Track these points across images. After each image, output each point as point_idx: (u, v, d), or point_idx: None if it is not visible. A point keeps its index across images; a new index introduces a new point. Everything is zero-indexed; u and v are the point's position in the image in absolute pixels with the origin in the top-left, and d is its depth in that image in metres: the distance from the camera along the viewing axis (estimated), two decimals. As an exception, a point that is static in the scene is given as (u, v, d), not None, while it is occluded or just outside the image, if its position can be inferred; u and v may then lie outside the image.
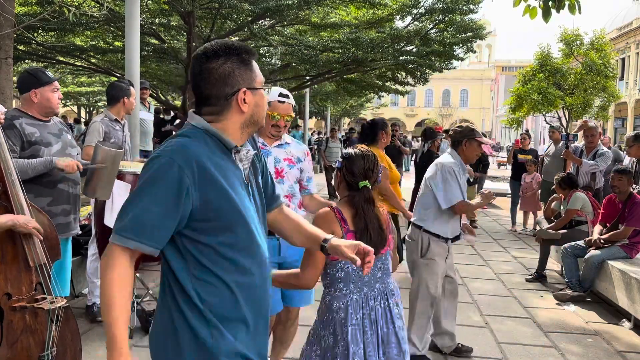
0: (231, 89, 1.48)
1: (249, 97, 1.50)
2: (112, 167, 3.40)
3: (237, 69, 1.48)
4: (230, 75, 1.47)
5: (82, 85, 21.39)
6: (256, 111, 1.53)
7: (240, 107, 1.49)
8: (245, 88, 1.49)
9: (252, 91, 1.51)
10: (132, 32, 5.85)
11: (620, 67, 30.02)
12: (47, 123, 3.26)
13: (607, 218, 5.31)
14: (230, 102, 1.49)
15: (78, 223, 3.55)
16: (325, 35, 12.41)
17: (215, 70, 1.47)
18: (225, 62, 1.47)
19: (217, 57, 1.47)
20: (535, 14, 4.39)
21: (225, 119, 1.50)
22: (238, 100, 1.48)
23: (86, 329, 3.90)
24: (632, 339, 4.29)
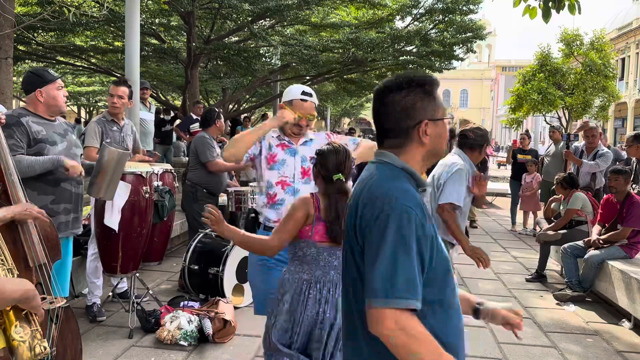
0: (413, 121, 1.45)
1: (431, 129, 1.46)
2: (117, 168, 3.41)
3: (420, 101, 1.46)
4: (412, 108, 1.45)
5: (82, 85, 21.38)
6: (437, 142, 1.49)
7: (421, 139, 1.46)
8: (427, 119, 1.46)
9: (434, 122, 1.47)
10: (132, 32, 5.85)
11: (620, 67, 30.01)
12: (52, 122, 3.28)
13: (606, 218, 5.31)
14: (412, 135, 1.46)
15: (80, 223, 3.54)
16: (325, 35, 12.41)
17: (397, 103, 1.46)
18: (408, 95, 1.46)
19: (399, 89, 1.47)
20: (535, 14, 4.39)
21: (406, 152, 1.47)
22: (420, 132, 1.45)
23: (86, 329, 3.90)
24: (632, 339, 4.29)
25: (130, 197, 3.73)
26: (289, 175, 2.83)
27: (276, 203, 2.81)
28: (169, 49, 10.65)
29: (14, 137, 3.06)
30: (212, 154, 4.99)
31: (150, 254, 4.21)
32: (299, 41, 11.33)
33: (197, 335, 3.76)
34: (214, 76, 13.99)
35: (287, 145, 2.89)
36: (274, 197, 2.82)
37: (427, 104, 1.46)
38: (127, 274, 3.99)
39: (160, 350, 3.63)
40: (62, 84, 3.27)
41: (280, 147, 2.88)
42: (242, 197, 5.10)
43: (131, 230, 3.79)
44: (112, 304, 4.40)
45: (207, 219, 2.25)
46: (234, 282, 4.56)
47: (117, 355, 3.55)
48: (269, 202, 2.83)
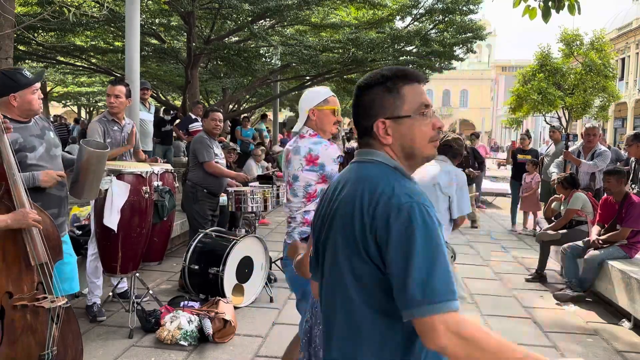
0: (369, 120, 1.39)
1: (393, 128, 1.37)
2: (97, 168, 3.35)
3: (379, 99, 1.38)
4: (369, 106, 1.39)
5: (82, 85, 21.39)
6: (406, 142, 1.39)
7: (380, 140, 1.38)
8: (385, 118, 1.37)
9: (395, 121, 1.37)
10: (132, 32, 5.86)
11: (620, 67, 30.01)
12: (27, 124, 3.08)
13: (604, 219, 5.31)
14: (373, 135, 1.39)
15: (66, 225, 3.44)
16: (325, 35, 12.41)
17: (360, 101, 1.41)
18: (369, 93, 1.39)
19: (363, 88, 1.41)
20: (535, 14, 4.39)
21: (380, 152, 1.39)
22: (379, 132, 1.38)
23: (86, 329, 3.90)
24: (632, 338, 4.29)
25: (130, 197, 3.73)
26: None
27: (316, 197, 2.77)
28: (169, 49, 10.66)
29: None
30: (209, 155, 4.99)
31: (150, 254, 4.21)
32: (299, 41, 11.33)
33: (197, 335, 3.76)
34: (214, 76, 14.00)
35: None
36: (313, 195, 2.72)
37: (387, 102, 1.37)
38: (127, 274, 3.99)
39: (161, 350, 3.64)
40: (37, 86, 3.08)
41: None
42: (242, 197, 5.10)
43: (131, 230, 3.79)
44: (112, 304, 4.41)
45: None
46: (234, 282, 4.56)
47: (117, 355, 3.55)
48: (308, 200, 2.73)
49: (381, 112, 1.37)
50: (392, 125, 1.37)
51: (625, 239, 5.01)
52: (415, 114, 1.37)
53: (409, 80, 1.39)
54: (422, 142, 1.39)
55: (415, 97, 1.38)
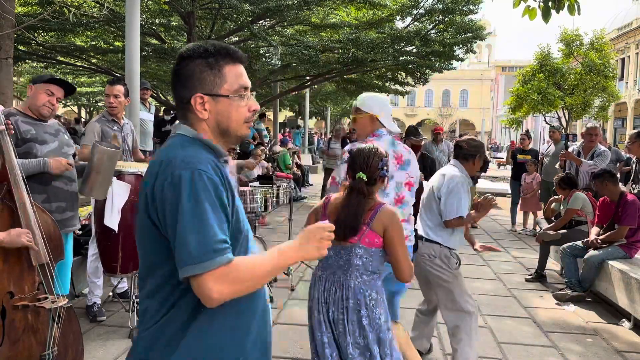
0: (188, 92, 1.40)
1: (211, 105, 1.40)
2: (108, 166, 3.39)
3: (199, 73, 1.39)
4: (189, 78, 1.40)
5: (82, 85, 21.39)
6: (222, 120, 1.41)
7: (197, 114, 1.40)
8: (203, 93, 1.39)
9: (214, 98, 1.39)
10: (132, 32, 5.86)
11: (620, 67, 30.02)
12: (43, 123, 3.27)
13: (603, 219, 5.32)
14: (190, 107, 1.41)
15: (77, 220, 3.54)
16: (326, 35, 12.41)
17: (180, 72, 1.41)
18: (189, 64, 1.40)
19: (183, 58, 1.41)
20: (535, 15, 4.39)
21: (194, 126, 1.42)
22: (195, 105, 1.39)
23: (86, 328, 3.90)
24: (632, 338, 4.30)
25: (130, 197, 3.73)
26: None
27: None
28: (169, 49, 10.66)
29: None
30: None
31: (150, 254, 4.21)
32: (299, 41, 11.33)
33: (198, 335, 3.76)
34: (214, 76, 13.98)
35: None
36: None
37: (207, 77, 1.38)
38: (127, 274, 3.99)
39: (161, 350, 3.63)
40: (52, 89, 3.21)
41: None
42: (242, 197, 5.10)
43: (131, 230, 3.79)
44: (112, 303, 4.41)
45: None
46: (234, 282, 4.56)
47: (117, 355, 3.55)
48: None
49: (199, 86, 1.39)
50: (210, 102, 1.39)
51: (625, 238, 5.01)
52: (234, 96, 1.41)
53: (231, 60, 1.41)
54: (238, 122, 1.43)
55: (236, 78, 1.41)
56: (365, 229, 2.24)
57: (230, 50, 1.42)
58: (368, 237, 2.25)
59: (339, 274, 2.30)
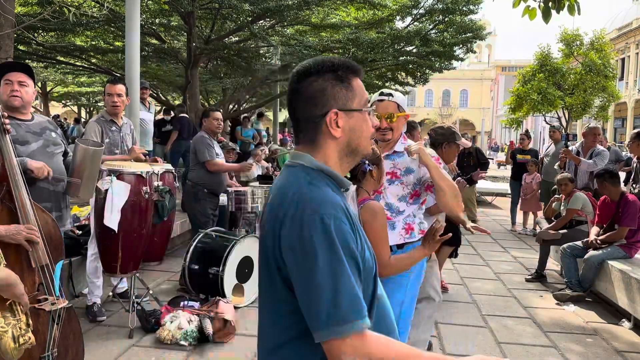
0: (320, 110, 1.28)
1: (344, 120, 1.29)
2: (91, 166, 3.33)
3: (330, 88, 1.29)
4: (319, 95, 1.28)
5: (82, 85, 21.37)
6: (353, 137, 1.31)
7: (331, 132, 1.29)
8: (337, 109, 1.28)
9: (347, 113, 1.30)
10: (132, 32, 5.85)
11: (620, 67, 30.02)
12: (26, 122, 3.15)
13: (603, 219, 5.32)
14: (320, 127, 1.29)
15: (66, 221, 3.46)
16: (326, 35, 12.41)
17: (305, 90, 1.30)
18: (317, 80, 1.29)
19: (308, 75, 1.30)
20: (535, 15, 4.39)
21: (320, 148, 1.31)
22: (328, 123, 1.28)
23: (86, 328, 3.90)
24: (632, 338, 4.29)
25: (130, 197, 3.73)
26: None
27: None
28: (169, 49, 10.65)
29: None
30: (210, 153, 5.00)
31: (150, 254, 4.21)
32: (299, 41, 11.33)
33: (197, 335, 3.76)
34: (214, 76, 14.00)
35: None
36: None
37: (339, 92, 1.29)
38: (127, 274, 3.99)
39: (161, 350, 3.64)
40: (9, 77, 3.07)
41: None
42: (242, 197, 5.11)
43: (131, 230, 3.79)
44: (112, 304, 4.41)
45: None
46: (234, 282, 4.56)
47: (117, 355, 3.55)
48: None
49: (333, 102, 1.29)
50: (343, 118, 1.30)
51: (624, 239, 5.01)
52: (365, 109, 1.34)
53: (355, 73, 1.34)
54: (367, 138, 1.36)
55: (362, 91, 1.34)
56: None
57: (351, 62, 1.35)
58: None
59: None
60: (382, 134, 2.66)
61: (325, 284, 1.13)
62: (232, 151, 7.28)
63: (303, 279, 1.16)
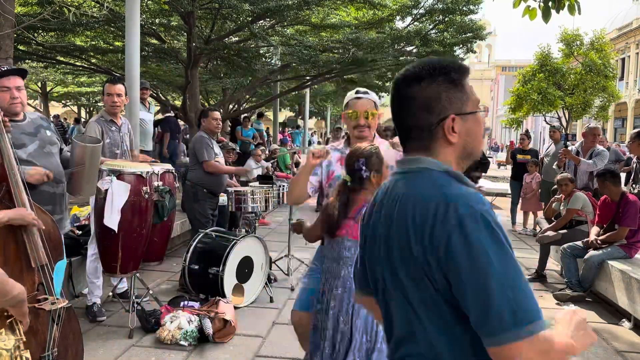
0: (436, 116, 1.23)
1: (459, 125, 1.23)
2: (90, 163, 3.32)
3: (445, 92, 1.23)
4: (435, 101, 1.22)
5: (82, 85, 21.36)
6: (469, 141, 1.26)
7: (447, 138, 1.23)
8: (454, 114, 1.23)
9: (462, 117, 1.24)
10: (132, 32, 5.86)
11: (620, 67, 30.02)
12: (19, 122, 3.07)
13: (603, 219, 5.31)
14: (436, 134, 1.23)
15: (66, 222, 3.46)
16: (326, 35, 12.40)
17: (418, 96, 1.23)
18: (430, 85, 1.23)
19: (419, 80, 1.24)
20: (535, 15, 4.39)
21: (436, 155, 1.24)
22: (445, 130, 1.22)
23: (86, 329, 3.90)
24: (632, 338, 4.29)
25: (130, 197, 3.73)
26: None
27: None
28: (169, 49, 10.64)
29: None
30: (209, 154, 4.99)
31: (150, 254, 4.21)
32: (299, 41, 11.32)
33: (197, 335, 3.77)
34: (214, 76, 13.99)
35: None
36: None
37: (454, 96, 1.23)
38: (127, 274, 3.99)
39: (161, 350, 3.64)
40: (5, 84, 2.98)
41: (340, 162, 2.72)
42: (242, 197, 5.10)
43: (131, 230, 3.79)
44: (112, 304, 4.41)
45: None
46: (234, 282, 4.56)
47: (117, 355, 3.55)
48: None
49: (449, 107, 1.23)
50: (459, 122, 1.23)
51: (625, 239, 5.01)
52: (478, 111, 1.28)
53: (466, 74, 1.28)
54: (480, 140, 1.30)
55: (472, 92, 1.28)
56: (351, 223, 2.38)
57: (459, 63, 1.29)
58: (355, 231, 2.37)
59: (333, 265, 2.45)
60: (360, 131, 2.66)
61: (504, 284, 1.04)
62: (232, 151, 7.28)
63: (474, 282, 1.06)
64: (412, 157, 1.26)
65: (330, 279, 2.46)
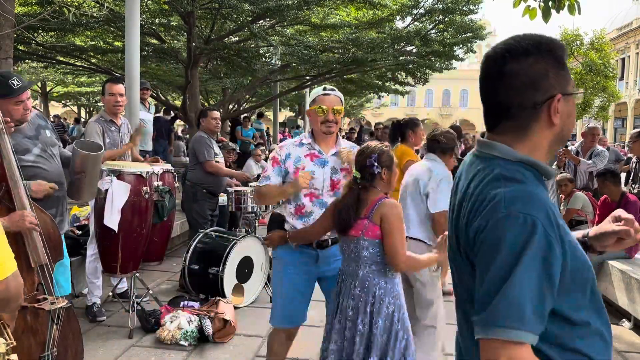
0: (543, 95, 1.16)
1: (562, 106, 1.18)
2: (92, 169, 3.33)
3: (552, 70, 1.17)
4: (542, 78, 1.16)
5: (82, 85, 21.37)
6: (567, 123, 1.21)
7: (551, 119, 1.17)
8: (561, 94, 1.17)
9: (566, 98, 1.19)
10: (132, 32, 5.86)
11: (620, 67, 30.03)
12: (19, 127, 3.04)
13: (603, 219, 5.29)
14: (539, 113, 1.18)
15: (65, 224, 3.44)
16: (326, 35, 12.40)
17: (522, 72, 1.16)
18: (537, 62, 1.17)
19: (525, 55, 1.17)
20: (535, 15, 4.39)
21: (529, 137, 1.19)
22: (551, 109, 1.17)
23: (86, 329, 3.90)
24: (632, 338, 4.29)
25: (130, 197, 3.73)
26: (318, 187, 2.72)
27: (304, 215, 2.74)
28: (169, 49, 10.64)
29: None
30: (209, 154, 4.99)
31: (150, 254, 4.21)
32: (299, 41, 11.32)
33: (197, 335, 3.76)
34: (214, 76, 13.99)
35: (317, 156, 2.77)
36: (301, 209, 2.74)
37: (560, 74, 1.18)
38: (126, 274, 3.99)
39: (161, 350, 3.64)
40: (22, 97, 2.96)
41: (309, 158, 2.75)
42: (242, 197, 5.10)
43: (131, 230, 3.79)
44: (112, 304, 4.41)
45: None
46: (234, 282, 4.56)
47: (117, 355, 3.55)
48: (296, 213, 2.75)
49: (557, 86, 1.17)
50: (563, 103, 1.18)
51: (625, 239, 5.00)
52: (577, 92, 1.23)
53: (567, 53, 1.24)
54: (574, 123, 1.27)
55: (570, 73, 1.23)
56: (366, 222, 2.36)
57: (561, 42, 1.23)
58: (370, 230, 2.36)
59: (352, 265, 2.44)
60: (327, 127, 2.69)
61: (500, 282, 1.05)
62: (232, 151, 7.28)
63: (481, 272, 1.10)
64: (487, 142, 1.23)
65: (347, 279, 2.45)
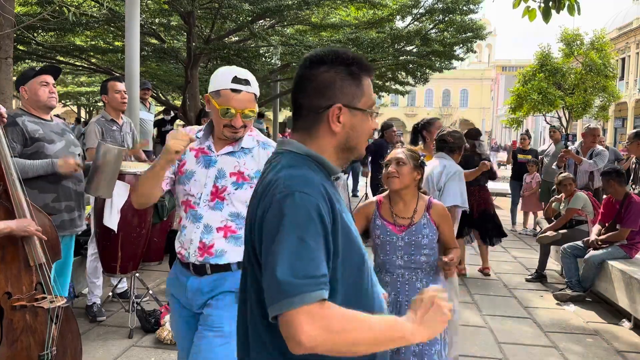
0: (325, 101, 1.26)
1: (346, 117, 1.27)
2: (114, 165, 3.37)
3: (340, 81, 1.27)
4: (328, 86, 1.26)
5: (82, 85, 21.37)
6: (352, 135, 1.29)
7: (330, 126, 1.27)
8: (343, 104, 1.26)
9: (351, 110, 1.27)
10: (132, 32, 5.85)
11: (620, 67, 30.02)
12: (49, 122, 3.28)
13: (606, 218, 5.31)
14: (322, 118, 1.27)
15: (83, 221, 3.54)
16: (326, 35, 12.41)
17: (314, 77, 1.27)
18: (328, 71, 1.27)
19: (321, 63, 1.28)
20: (535, 15, 4.38)
21: (315, 138, 1.29)
22: (331, 117, 1.26)
23: (86, 329, 3.90)
24: (632, 338, 4.29)
25: (130, 197, 3.72)
26: (194, 193, 2.04)
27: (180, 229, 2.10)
28: (169, 49, 10.65)
29: (7, 138, 3.00)
30: None
31: (150, 254, 4.21)
32: (299, 41, 11.32)
33: (197, 335, 3.76)
34: (214, 76, 13.99)
35: (204, 152, 2.08)
36: (179, 221, 2.13)
37: (348, 87, 1.27)
38: (126, 274, 3.99)
39: (160, 350, 3.64)
40: (46, 79, 3.21)
41: (195, 153, 2.08)
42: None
43: (131, 230, 3.79)
44: (112, 304, 4.41)
45: None
46: (234, 282, 4.55)
47: (117, 355, 3.55)
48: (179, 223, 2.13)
49: (340, 96, 1.26)
50: (346, 114, 1.27)
51: (625, 239, 5.00)
52: (369, 111, 1.31)
53: (368, 73, 1.32)
54: (364, 139, 1.34)
55: (370, 92, 1.33)
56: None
57: (365, 61, 1.32)
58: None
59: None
60: (233, 132, 2.01)
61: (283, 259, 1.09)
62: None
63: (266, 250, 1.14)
64: (286, 139, 1.33)
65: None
